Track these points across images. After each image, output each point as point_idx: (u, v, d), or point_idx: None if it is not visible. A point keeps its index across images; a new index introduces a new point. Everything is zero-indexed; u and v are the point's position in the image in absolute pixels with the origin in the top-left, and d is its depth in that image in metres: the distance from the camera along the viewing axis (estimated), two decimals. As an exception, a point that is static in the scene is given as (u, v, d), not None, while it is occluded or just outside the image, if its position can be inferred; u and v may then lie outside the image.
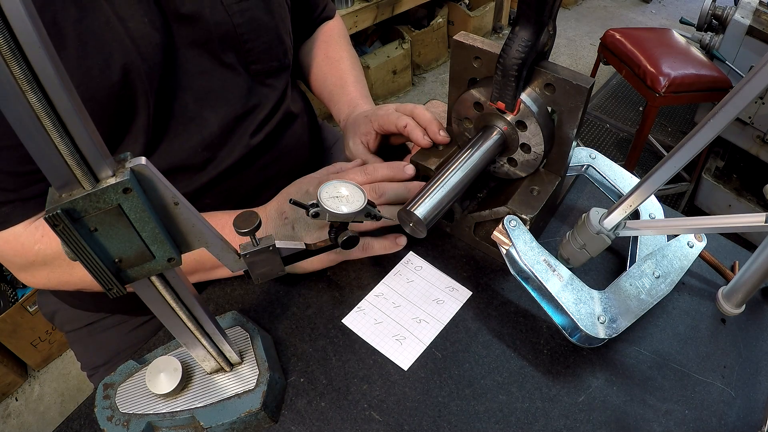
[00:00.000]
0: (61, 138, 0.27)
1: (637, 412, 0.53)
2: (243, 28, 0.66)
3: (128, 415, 0.49)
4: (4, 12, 0.23)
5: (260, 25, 0.68)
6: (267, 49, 0.70)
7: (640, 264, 0.58)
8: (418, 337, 0.58)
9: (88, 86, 0.53)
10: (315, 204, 0.51)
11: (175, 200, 0.35)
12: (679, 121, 2.69)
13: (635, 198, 0.50)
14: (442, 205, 0.54)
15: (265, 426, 0.51)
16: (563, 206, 0.73)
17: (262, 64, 0.71)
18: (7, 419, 1.58)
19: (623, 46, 1.96)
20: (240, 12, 0.65)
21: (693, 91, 1.80)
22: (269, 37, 0.70)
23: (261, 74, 0.71)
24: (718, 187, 2.03)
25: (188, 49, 0.63)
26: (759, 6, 1.84)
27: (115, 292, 0.36)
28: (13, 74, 0.24)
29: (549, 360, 0.57)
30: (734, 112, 0.40)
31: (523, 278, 0.56)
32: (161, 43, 0.59)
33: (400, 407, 0.53)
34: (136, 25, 0.57)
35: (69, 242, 0.31)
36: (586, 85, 0.52)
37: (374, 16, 2.37)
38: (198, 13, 0.61)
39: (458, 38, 0.59)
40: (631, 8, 3.83)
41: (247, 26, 0.66)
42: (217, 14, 0.63)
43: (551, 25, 0.51)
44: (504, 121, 0.59)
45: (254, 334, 0.54)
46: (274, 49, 0.72)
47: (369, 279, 0.64)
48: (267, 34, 0.70)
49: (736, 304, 0.56)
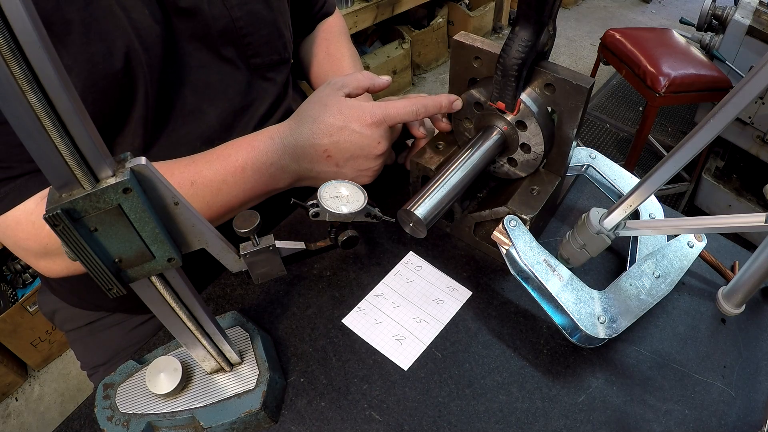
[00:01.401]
0: (61, 138, 0.27)
1: (637, 412, 0.53)
2: (242, 21, 0.66)
3: (128, 415, 0.49)
4: (4, 12, 0.23)
5: (259, 19, 0.68)
6: (266, 42, 0.70)
7: (640, 264, 0.58)
8: (418, 337, 0.58)
9: (90, 73, 0.53)
10: (315, 204, 0.51)
11: (175, 200, 0.35)
12: (679, 121, 2.69)
13: (635, 198, 0.50)
14: (442, 205, 0.54)
15: (265, 426, 0.51)
16: (563, 206, 0.73)
17: (262, 57, 0.71)
18: (7, 419, 1.58)
19: (623, 46, 1.96)
20: (238, 5, 0.65)
21: (693, 91, 1.80)
22: (268, 31, 0.70)
23: (261, 68, 0.71)
24: (718, 187, 2.03)
25: (187, 43, 0.63)
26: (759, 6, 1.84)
27: (115, 292, 0.36)
28: (13, 74, 0.24)
29: (549, 360, 0.57)
30: (734, 112, 0.40)
31: (523, 278, 0.56)
32: (161, 35, 0.59)
33: (400, 407, 0.53)
34: (138, 16, 0.57)
35: (69, 242, 0.31)
36: (586, 85, 0.52)
37: (374, 16, 2.37)
38: (196, 7, 0.61)
39: (458, 38, 0.59)
40: (631, 8, 3.83)
41: (245, 20, 0.66)
42: (216, 8, 0.63)
43: (551, 25, 0.51)
44: (504, 121, 0.59)
45: (254, 334, 0.54)
46: (274, 43, 0.71)
47: (369, 279, 0.64)
48: (266, 28, 0.69)
49: (736, 304, 0.56)
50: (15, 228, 0.55)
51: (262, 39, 0.69)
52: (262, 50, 0.70)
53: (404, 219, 0.55)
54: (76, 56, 0.52)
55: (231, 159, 0.59)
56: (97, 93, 0.54)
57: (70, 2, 0.52)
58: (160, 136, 0.63)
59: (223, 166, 0.59)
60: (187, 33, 0.62)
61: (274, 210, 0.69)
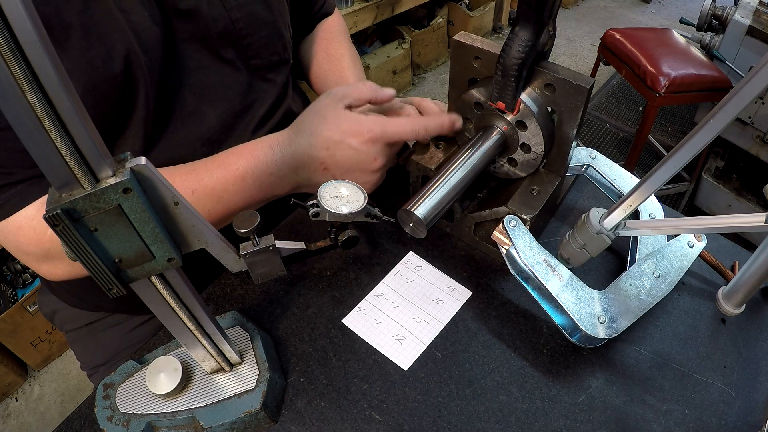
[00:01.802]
0: (61, 138, 0.27)
1: (637, 412, 0.53)
2: (241, 23, 0.66)
3: (128, 415, 0.49)
4: (4, 12, 0.23)
5: (258, 20, 0.68)
6: (266, 43, 0.70)
7: (640, 264, 0.58)
8: (418, 337, 0.58)
9: (90, 76, 0.53)
10: (315, 204, 0.51)
11: (175, 200, 0.35)
12: (679, 121, 2.69)
13: (635, 198, 0.50)
14: (442, 205, 0.54)
15: (265, 426, 0.51)
16: (563, 206, 0.73)
17: (262, 58, 0.70)
18: (7, 419, 1.58)
19: (623, 46, 1.96)
20: (238, 7, 0.65)
21: (693, 91, 1.80)
22: (268, 32, 0.70)
23: (261, 69, 0.71)
24: (718, 187, 2.03)
25: (187, 45, 0.63)
26: (759, 6, 1.84)
27: (115, 292, 0.36)
28: (13, 74, 0.24)
29: (549, 360, 0.57)
30: (734, 112, 0.40)
31: (523, 278, 0.56)
32: (161, 37, 0.59)
33: (400, 407, 0.53)
34: (138, 18, 0.57)
35: (69, 242, 0.31)
36: (586, 85, 0.52)
37: (374, 16, 2.37)
38: (196, 9, 0.61)
39: (458, 38, 0.59)
40: (631, 8, 3.83)
41: (245, 21, 0.66)
42: (215, 9, 0.63)
43: (551, 25, 0.51)
44: (504, 121, 0.59)
45: (254, 334, 0.54)
46: (274, 44, 0.71)
47: (369, 279, 0.64)
48: (265, 29, 0.69)
49: (736, 304, 0.56)
50: (17, 233, 0.55)
51: (262, 40, 0.69)
52: (261, 51, 0.70)
53: (404, 219, 0.55)
54: (76, 60, 0.52)
55: (231, 167, 0.59)
56: (97, 96, 0.54)
57: (69, 6, 0.52)
58: (160, 138, 0.63)
59: (223, 174, 0.59)
60: (187, 35, 0.62)
61: (274, 210, 0.69)
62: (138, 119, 0.59)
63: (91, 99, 0.54)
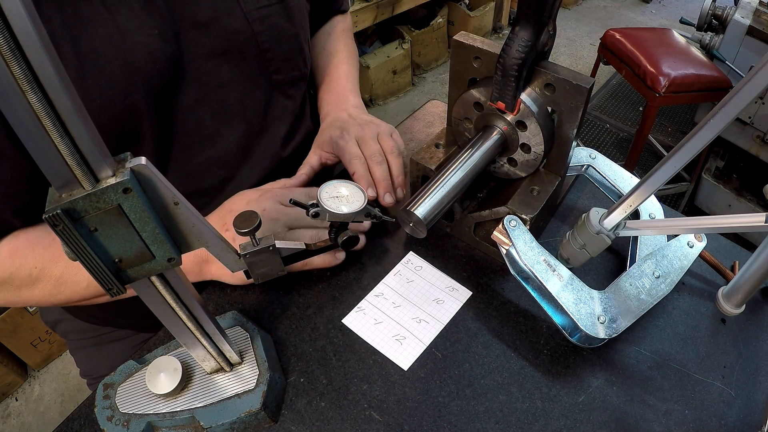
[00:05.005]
0: (61, 138, 0.27)
1: (637, 412, 0.53)
2: (263, 36, 0.62)
3: (128, 415, 0.49)
4: (4, 12, 0.23)
5: (281, 33, 0.65)
6: (288, 58, 0.67)
7: (640, 264, 0.58)
8: (418, 337, 0.58)
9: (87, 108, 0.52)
10: (315, 204, 0.51)
11: (175, 200, 0.35)
12: (679, 121, 2.69)
13: (635, 198, 0.50)
14: (442, 205, 0.54)
15: (265, 426, 0.51)
16: (563, 206, 0.73)
17: (284, 74, 0.67)
18: (7, 419, 1.58)
19: (623, 46, 1.96)
20: (260, 19, 0.62)
21: (693, 91, 1.80)
22: (290, 46, 0.67)
23: (282, 84, 0.68)
24: (718, 187, 2.03)
25: (205, 61, 0.59)
26: (759, 6, 1.84)
27: (115, 292, 0.36)
28: (13, 74, 0.24)
29: (549, 360, 0.57)
30: (734, 112, 0.40)
31: (523, 278, 0.56)
32: (173, 55, 0.56)
33: (400, 407, 0.53)
34: (144, 39, 0.53)
35: (69, 242, 0.31)
36: (586, 85, 0.52)
37: (374, 16, 2.37)
38: (215, 20, 0.58)
39: (458, 38, 0.59)
40: (631, 8, 3.83)
41: (267, 34, 0.63)
42: (236, 21, 0.60)
43: (551, 25, 0.51)
44: (504, 121, 0.59)
45: (254, 334, 0.54)
46: (295, 58, 0.68)
47: (369, 279, 0.64)
48: (288, 43, 0.66)
49: (736, 304, 0.56)
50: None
51: (284, 54, 0.66)
52: (283, 66, 0.67)
53: (404, 219, 0.55)
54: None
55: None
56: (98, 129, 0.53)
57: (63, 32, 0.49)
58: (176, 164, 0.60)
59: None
60: (205, 50, 0.59)
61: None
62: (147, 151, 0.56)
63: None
